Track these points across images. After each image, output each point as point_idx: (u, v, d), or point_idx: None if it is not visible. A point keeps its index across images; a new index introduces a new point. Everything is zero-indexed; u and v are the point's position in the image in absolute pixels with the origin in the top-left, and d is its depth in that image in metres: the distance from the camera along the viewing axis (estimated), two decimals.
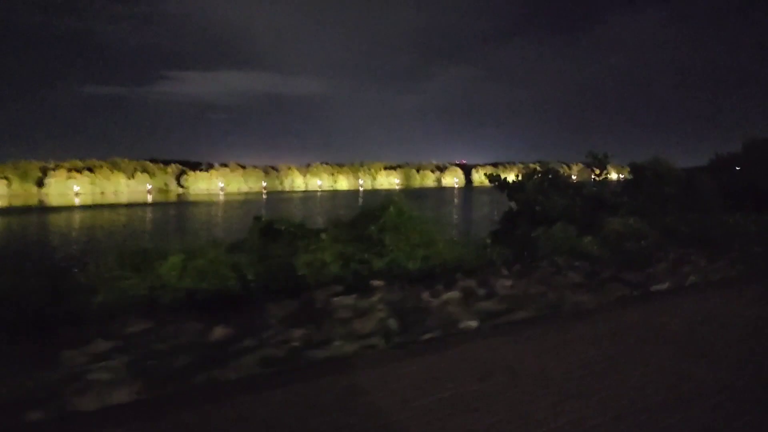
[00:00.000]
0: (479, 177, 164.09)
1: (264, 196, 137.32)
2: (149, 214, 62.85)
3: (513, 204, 16.45)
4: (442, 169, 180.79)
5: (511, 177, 18.26)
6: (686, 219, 11.22)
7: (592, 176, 17.66)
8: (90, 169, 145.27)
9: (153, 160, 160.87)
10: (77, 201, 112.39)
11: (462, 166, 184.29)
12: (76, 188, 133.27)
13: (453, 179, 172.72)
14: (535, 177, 17.02)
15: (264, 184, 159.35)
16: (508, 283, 5.37)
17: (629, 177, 22.16)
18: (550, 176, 16.85)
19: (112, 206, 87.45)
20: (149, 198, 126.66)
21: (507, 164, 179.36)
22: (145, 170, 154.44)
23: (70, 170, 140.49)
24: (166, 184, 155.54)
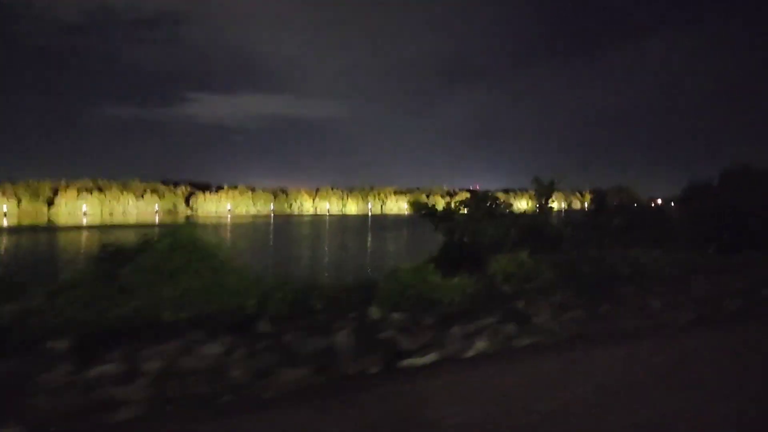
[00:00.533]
0: None
1: (271, 219, 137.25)
2: (128, 236, 61.70)
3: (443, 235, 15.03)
4: (452, 194, 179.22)
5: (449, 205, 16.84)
6: (589, 256, 9.66)
7: (537, 204, 16.21)
8: (100, 189, 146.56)
9: (164, 182, 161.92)
10: (84, 221, 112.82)
11: (474, 192, 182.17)
12: (84, 208, 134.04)
13: None
14: (469, 205, 15.63)
15: (272, 206, 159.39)
16: (219, 350, 3.99)
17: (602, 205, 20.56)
18: (489, 204, 15.46)
19: (113, 227, 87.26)
20: (156, 219, 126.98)
21: (519, 190, 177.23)
22: (155, 191, 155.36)
23: (80, 190, 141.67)
24: (174, 205, 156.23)
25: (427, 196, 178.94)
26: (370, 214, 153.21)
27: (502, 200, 15.77)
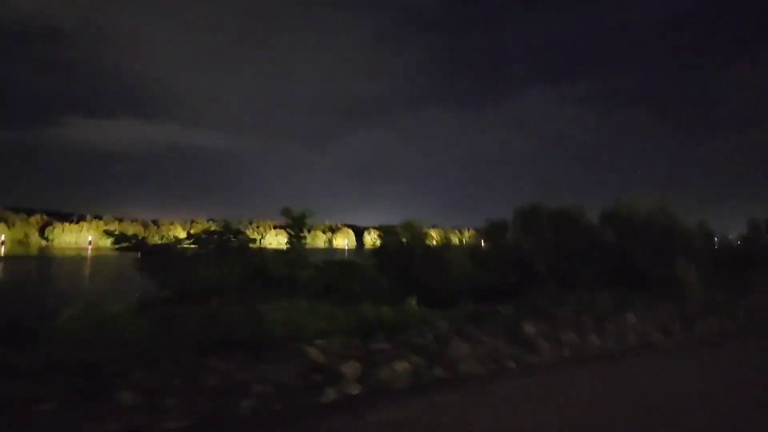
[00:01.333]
0: (370, 239, 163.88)
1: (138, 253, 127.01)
2: None
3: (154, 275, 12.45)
4: (334, 229, 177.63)
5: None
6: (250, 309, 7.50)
7: (287, 240, 14.11)
8: None
9: (15, 209, 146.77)
10: None
11: (355, 228, 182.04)
12: None
13: (344, 240, 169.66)
14: (198, 239, 13.23)
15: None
16: None
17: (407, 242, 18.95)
18: (225, 238, 13.09)
19: None
20: (1, 250, 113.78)
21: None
22: (2, 220, 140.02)
23: None
24: (26, 235, 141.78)
25: (309, 231, 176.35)
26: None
27: (243, 233, 13.48)
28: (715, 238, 23.22)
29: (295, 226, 13.52)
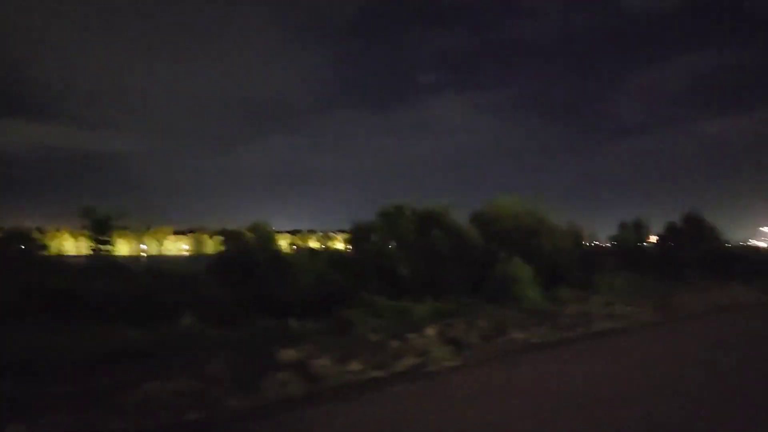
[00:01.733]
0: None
1: None
2: None
3: None
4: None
5: None
6: None
7: (93, 248, 12.25)
8: None
9: None
10: None
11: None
12: None
13: None
14: None
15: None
16: None
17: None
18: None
19: None
20: None
21: (308, 232, 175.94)
22: None
23: None
24: None
25: (210, 237, 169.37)
26: (144, 255, 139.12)
27: (33, 239, 11.50)
28: (586, 240, 23.40)
29: (98, 229, 11.66)
